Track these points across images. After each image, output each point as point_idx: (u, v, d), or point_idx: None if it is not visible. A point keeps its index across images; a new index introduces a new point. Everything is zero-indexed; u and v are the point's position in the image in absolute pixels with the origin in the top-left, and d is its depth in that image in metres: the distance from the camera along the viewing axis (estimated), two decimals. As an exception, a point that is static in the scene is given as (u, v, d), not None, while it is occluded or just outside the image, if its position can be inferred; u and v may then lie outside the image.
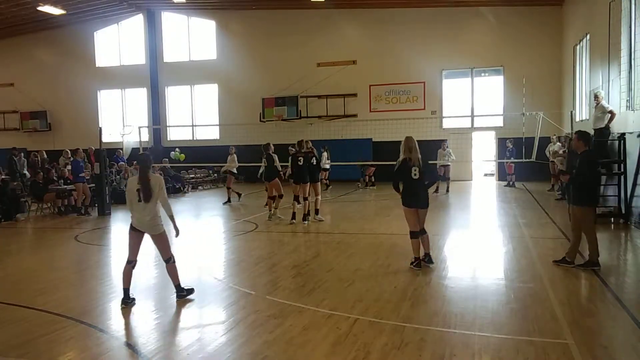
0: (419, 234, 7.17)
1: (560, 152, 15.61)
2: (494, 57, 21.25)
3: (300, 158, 11.32)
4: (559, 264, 7.06)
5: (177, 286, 6.05)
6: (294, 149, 13.41)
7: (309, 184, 11.36)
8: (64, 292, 6.59)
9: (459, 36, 21.36)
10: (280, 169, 13.01)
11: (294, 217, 11.47)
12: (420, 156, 7.06)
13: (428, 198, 7.20)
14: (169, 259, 6.01)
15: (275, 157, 12.73)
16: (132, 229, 5.90)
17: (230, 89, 24.14)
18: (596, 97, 11.15)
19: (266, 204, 14.19)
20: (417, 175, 7.00)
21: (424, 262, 7.15)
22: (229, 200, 15.61)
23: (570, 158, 11.03)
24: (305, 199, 11.33)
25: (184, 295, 6.05)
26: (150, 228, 5.87)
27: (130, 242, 5.95)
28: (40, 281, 7.07)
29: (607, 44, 11.79)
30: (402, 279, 6.66)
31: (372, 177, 19.38)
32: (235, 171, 16.19)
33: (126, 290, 5.91)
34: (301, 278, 6.89)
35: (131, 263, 5.94)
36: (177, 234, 5.99)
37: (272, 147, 12.61)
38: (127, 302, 5.87)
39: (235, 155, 16.04)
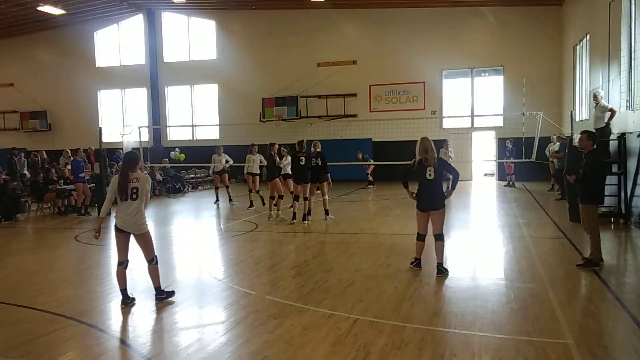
0: (425, 237, 6.95)
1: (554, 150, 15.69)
2: (494, 57, 21.26)
3: (302, 158, 11.33)
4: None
5: (157, 288, 5.97)
6: (285, 150, 13.42)
7: (309, 184, 11.36)
8: (64, 292, 6.59)
9: (459, 36, 21.36)
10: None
11: (294, 217, 11.48)
12: (436, 156, 6.88)
13: (443, 199, 6.89)
14: (152, 260, 5.92)
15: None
16: (117, 229, 5.78)
17: (230, 89, 24.15)
18: (595, 97, 11.13)
19: (250, 205, 14.03)
20: (432, 175, 6.79)
21: (437, 274, 6.76)
22: (230, 199, 15.49)
23: (572, 157, 11.03)
24: (305, 198, 11.33)
25: (163, 298, 5.96)
26: (134, 227, 5.76)
27: (117, 243, 5.86)
28: (40, 281, 7.07)
29: (607, 44, 11.79)
30: (402, 279, 6.66)
31: (371, 177, 19.28)
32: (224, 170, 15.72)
33: (123, 291, 5.86)
34: (301, 278, 6.88)
35: (122, 264, 5.84)
36: None
37: (277, 148, 12.62)
38: (127, 302, 5.85)
39: (224, 155, 15.63)
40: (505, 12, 20.77)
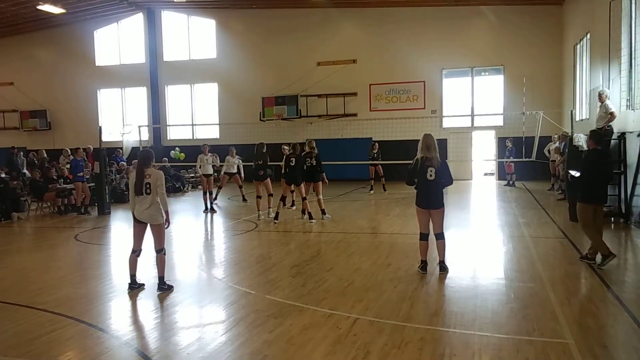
0: (428, 236, 6.89)
1: (553, 148, 15.91)
2: (494, 56, 21.23)
3: (292, 159, 11.30)
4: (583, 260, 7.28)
5: (161, 279, 6.37)
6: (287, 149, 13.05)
7: (302, 184, 11.33)
8: (63, 291, 6.58)
9: (459, 35, 21.33)
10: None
11: (276, 217, 11.48)
12: (438, 156, 6.74)
13: (442, 199, 6.87)
14: (161, 250, 6.39)
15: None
16: (135, 220, 6.35)
17: (230, 88, 24.12)
18: (600, 95, 11.06)
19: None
20: (432, 176, 6.67)
21: (440, 271, 6.81)
22: (211, 208, 14.11)
23: (570, 157, 11.02)
24: (304, 198, 11.33)
25: (165, 289, 6.31)
26: (149, 218, 6.30)
27: (134, 232, 6.43)
28: (40, 280, 7.07)
29: (607, 43, 11.78)
30: (402, 278, 6.65)
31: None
32: (210, 172, 14.80)
33: (132, 276, 6.39)
34: (301, 278, 6.88)
35: (136, 252, 6.40)
36: (168, 225, 6.51)
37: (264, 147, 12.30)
38: (134, 288, 6.32)
39: (210, 156, 14.87)
40: (506, 11, 20.74)
